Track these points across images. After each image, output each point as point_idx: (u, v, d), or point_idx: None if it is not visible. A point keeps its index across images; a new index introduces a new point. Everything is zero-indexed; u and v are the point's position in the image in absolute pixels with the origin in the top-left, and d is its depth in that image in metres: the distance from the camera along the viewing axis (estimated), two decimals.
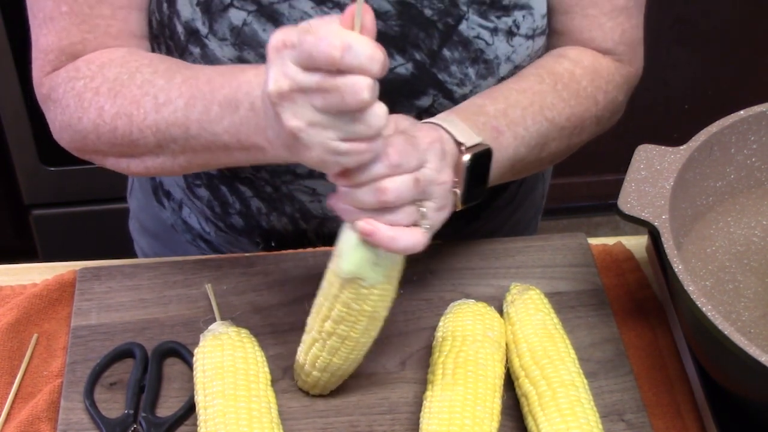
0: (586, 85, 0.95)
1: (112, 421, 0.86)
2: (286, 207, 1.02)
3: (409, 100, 0.93)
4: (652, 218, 0.85)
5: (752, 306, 0.90)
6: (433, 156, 0.77)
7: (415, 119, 0.82)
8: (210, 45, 0.90)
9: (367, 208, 0.75)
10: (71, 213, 2.05)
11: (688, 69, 2.24)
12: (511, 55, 0.93)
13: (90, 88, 0.88)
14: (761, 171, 0.98)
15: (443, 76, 0.92)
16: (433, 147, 0.78)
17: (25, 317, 0.95)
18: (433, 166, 0.77)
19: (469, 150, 0.83)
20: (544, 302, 0.92)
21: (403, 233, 0.76)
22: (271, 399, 0.84)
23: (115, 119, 0.87)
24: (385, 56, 0.69)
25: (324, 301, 0.81)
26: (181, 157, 0.87)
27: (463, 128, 0.84)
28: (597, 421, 0.82)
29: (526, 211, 1.18)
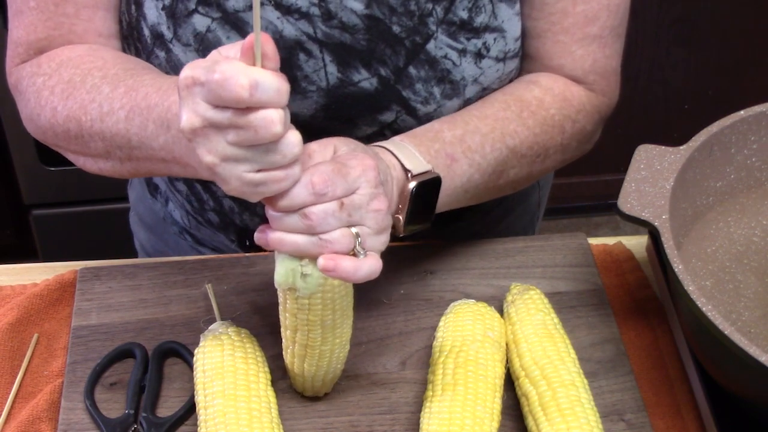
0: (554, 113, 0.94)
1: (112, 421, 0.86)
2: (257, 207, 1.02)
3: (372, 114, 0.93)
4: (652, 218, 0.85)
5: (752, 306, 0.90)
6: (365, 183, 0.75)
7: (359, 143, 0.81)
8: (174, 50, 0.91)
9: (295, 232, 0.74)
10: (71, 213, 2.05)
11: (688, 69, 2.24)
12: (479, 77, 0.93)
13: (47, 86, 0.90)
14: (761, 171, 0.98)
15: (407, 93, 0.92)
16: (366, 174, 0.76)
17: (25, 317, 0.95)
18: (363, 192, 0.75)
19: (416, 177, 0.83)
20: (545, 302, 0.92)
21: (361, 263, 0.75)
22: (271, 399, 0.84)
23: (66, 121, 0.88)
24: (287, 85, 0.69)
25: (281, 311, 0.81)
26: (128, 164, 0.87)
27: (412, 155, 0.84)
28: (597, 421, 0.82)
29: (519, 217, 1.17)
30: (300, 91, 0.92)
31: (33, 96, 0.91)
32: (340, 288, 0.78)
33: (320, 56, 0.91)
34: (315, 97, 0.92)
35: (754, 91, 2.25)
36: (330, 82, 0.91)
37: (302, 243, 0.74)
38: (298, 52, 0.90)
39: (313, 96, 0.92)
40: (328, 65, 0.91)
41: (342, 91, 0.92)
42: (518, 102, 0.93)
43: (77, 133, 0.88)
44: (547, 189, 1.22)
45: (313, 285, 0.76)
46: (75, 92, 0.87)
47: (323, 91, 0.92)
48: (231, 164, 0.71)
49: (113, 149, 0.86)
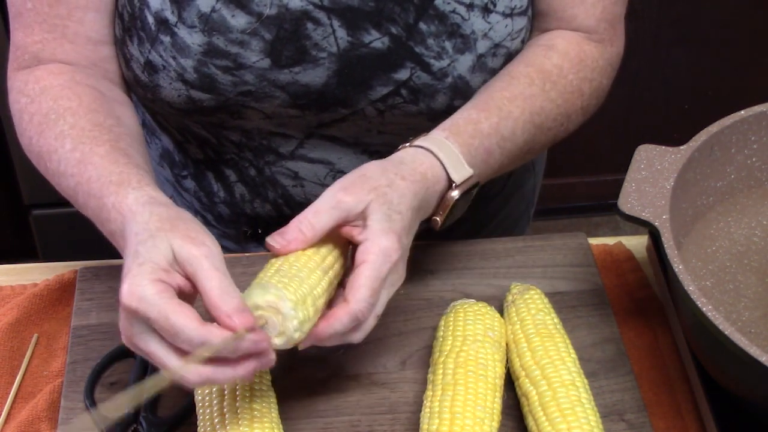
0: (572, 78, 0.96)
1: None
2: (269, 192, 1.02)
3: (386, 73, 0.93)
4: (652, 218, 0.85)
5: (752, 306, 0.90)
6: (394, 278, 0.81)
7: (396, 172, 0.83)
8: (179, 33, 0.91)
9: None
10: (71, 213, 2.02)
11: (688, 69, 2.24)
12: (488, 32, 0.93)
13: (28, 112, 0.92)
14: (761, 171, 0.98)
15: (420, 49, 0.92)
16: (397, 269, 0.81)
17: (25, 317, 0.95)
18: (390, 286, 0.81)
19: (459, 187, 0.86)
20: (545, 302, 0.92)
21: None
22: (271, 399, 0.84)
23: (38, 158, 0.92)
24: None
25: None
26: (87, 212, 0.89)
27: (458, 161, 0.87)
28: (597, 421, 0.82)
29: (516, 204, 1.18)
30: (311, 59, 0.92)
31: (17, 114, 0.93)
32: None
33: (328, 23, 0.91)
34: (327, 63, 0.92)
35: (754, 91, 2.24)
36: (341, 47, 0.91)
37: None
38: (306, 22, 0.90)
39: (324, 63, 0.92)
40: (338, 30, 0.91)
41: (354, 54, 0.92)
42: (540, 74, 0.95)
43: (45, 170, 0.92)
44: (541, 174, 1.23)
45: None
46: (47, 131, 0.90)
47: (335, 56, 0.92)
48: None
49: (71, 200, 0.91)
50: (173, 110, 0.96)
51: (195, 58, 0.91)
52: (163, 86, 0.93)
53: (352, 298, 0.78)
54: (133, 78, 0.95)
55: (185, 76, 0.92)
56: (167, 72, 0.92)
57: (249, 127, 0.98)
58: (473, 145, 0.89)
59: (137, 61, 0.94)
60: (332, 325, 0.78)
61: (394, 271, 0.80)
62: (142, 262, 0.74)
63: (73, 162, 0.87)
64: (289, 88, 0.93)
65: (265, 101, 0.94)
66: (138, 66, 0.94)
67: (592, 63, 0.98)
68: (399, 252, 0.80)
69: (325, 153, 0.99)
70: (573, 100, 0.97)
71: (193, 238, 0.76)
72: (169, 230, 0.76)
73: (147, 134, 1.09)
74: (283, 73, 0.92)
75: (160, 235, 0.75)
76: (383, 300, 0.81)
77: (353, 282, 0.79)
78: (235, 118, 0.96)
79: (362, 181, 0.82)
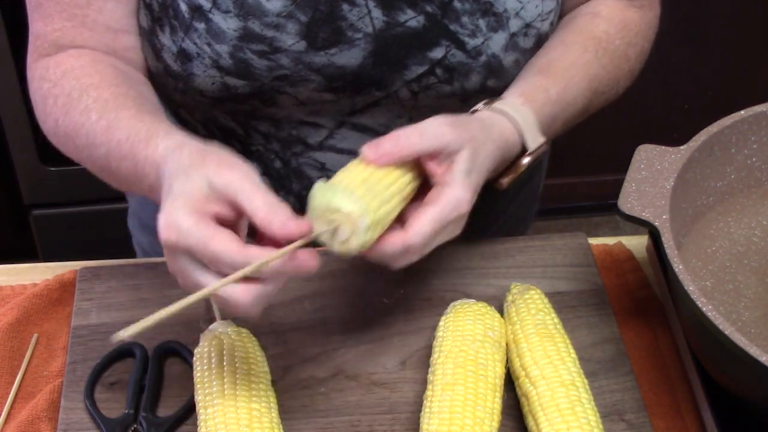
0: (619, 43, 1.00)
1: (112, 420, 0.86)
2: (293, 184, 1.02)
3: (422, 52, 0.94)
4: (652, 218, 0.85)
5: (752, 306, 0.89)
6: (455, 226, 0.83)
7: (488, 134, 0.86)
8: (214, 19, 0.91)
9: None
10: (71, 213, 2.05)
11: (688, 69, 2.24)
12: (520, 11, 0.94)
13: (52, 95, 0.92)
14: (761, 171, 0.98)
15: (455, 27, 0.93)
16: (460, 222, 0.82)
17: (25, 317, 0.95)
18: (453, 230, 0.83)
19: (531, 155, 0.91)
20: (545, 302, 0.92)
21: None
22: (271, 399, 0.84)
23: (65, 137, 0.91)
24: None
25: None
26: (115, 184, 0.90)
27: (533, 128, 0.90)
28: (597, 421, 0.82)
29: (522, 202, 1.19)
30: (346, 41, 0.92)
31: (40, 100, 0.93)
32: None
33: (363, 3, 0.91)
34: (362, 44, 0.92)
35: (754, 91, 2.25)
36: (376, 27, 0.92)
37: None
38: (341, 3, 0.91)
39: (360, 44, 0.92)
40: (373, 11, 0.91)
41: (389, 34, 0.92)
42: (592, 41, 0.99)
43: (74, 149, 0.91)
44: (545, 171, 1.25)
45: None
46: (71, 110, 0.90)
47: (370, 37, 0.92)
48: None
49: (99, 173, 0.90)
50: (205, 99, 0.96)
51: (230, 43, 0.91)
52: (196, 74, 0.93)
53: (412, 230, 0.79)
54: (163, 69, 0.95)
55: (220, 62, 0.92)
56: (201, 59, 0.92)
57: (280, 116, 0.98)
58: (544, 112, 0.92)
59: (169, 51, 0.93)
60: (383, 247, 0.79)
61: (456, 222, 0.82)
62: (176, 197, 0.75)
63: (100, 131, 0.87)
64: (325, 70, 0.93)
65: (300, 85, 0.94)
66: (170, 56, 0.93)
67: (635, 27, 1.01)
68: (468, 206, 0.82)
69: (353, 144, 0.99)
70: (621, 65, 1.00)
71: (228, 164, 0.76)
72: (201, 164, 0.76)
73: None
74: (318, 55, 0.92)
75: (193, 171, 0.76)
76: (436, 242, 0.82)
77: (418, 216, 0.80)
78: (268, 105, 0.96)
79: (466, 127, 0.84)
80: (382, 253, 0.80)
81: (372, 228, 0.77)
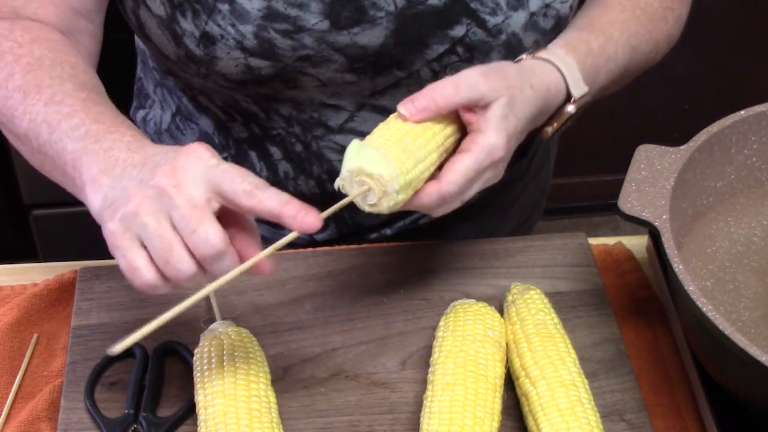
0: (657, 6, 1.01)
1: (112, 420, 0.86)
2: (314, 168, 1.03)
3: (443, 30, 0.94)
4: (652, 218, 0.85)
5: (752, 306, 0.90)
6: (492, 174, 0.84)
7: (528, 80, 0.87)
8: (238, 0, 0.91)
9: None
10: (71, 213, 2.04)
11: (688, 69, 2.24)
12: None
13: (13, 53, 0.90)
14: (761, 171, 0.98)
15: (475, 5, 0.93)
16: (497, 167, 0.84)
17: (25, 317, 0.95)
18: (489, 177, 0.84)
19: (575, 102, 0.91)
20: (545, 302, 0.92)
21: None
22: (271, 399, 0.84)
23: (14, 91, 0.89)
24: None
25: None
26: (37, 156, 0.89)
27: (577, 76, 0.91)
28: (597, 421, 0.82)
29: (533, 191, 1.20)
30: (369, 20, 0.92)
31: None
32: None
33: None
34: (384, 23, 0.92)
35: (754, 91, 2.25)
36: (398, 5, 0.92)
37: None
38: None
39: (382, 23, 0.92)
40: None
41: (411, 12, 0.92)
42: (630, 2, 1.00)
43: (14, 103, 0.88)
44: (553, 163, 1.25)
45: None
46: (39, 71, 0.88)
47: (392, 15, 0.92)
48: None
49: (31, 135, 0.88)
50: (227, 83, 0.96)
51: (255, 23, 0.91)
52: (220, 57, 0.93)
53: (446, 179, 0.81)
54: (185, 55, 0.95)
55: (244, 43, 0.92)
56: (225, 41, 0.92)
57: (301, 99, 0.98)
58: (587, 62, 0.93)
59: (191, 36, 0.93)
60: (420, 198, 0.81)
61: (493, 168, 0.83)
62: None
63: (75, 97, 0.86)
64: (347, 50, 0.93)
65: (323, 66, 0.94)
66: (192, 40, 0.93)
67: None
68: (504, 151, 0.83)
69: (374, 126, 0.99)
70: (660, 27, 1.02)
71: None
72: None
73: (181, 121, 1.09)
74: (341, 34, 0.92)
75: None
76: (474, 189, 0.83)
77: (452, 165, 0.81)
78: (290, 87, 0.96)
79: (501, 75, 0.85)
80: (419, 204, 0.81)
81: (403, 190, 0.79)
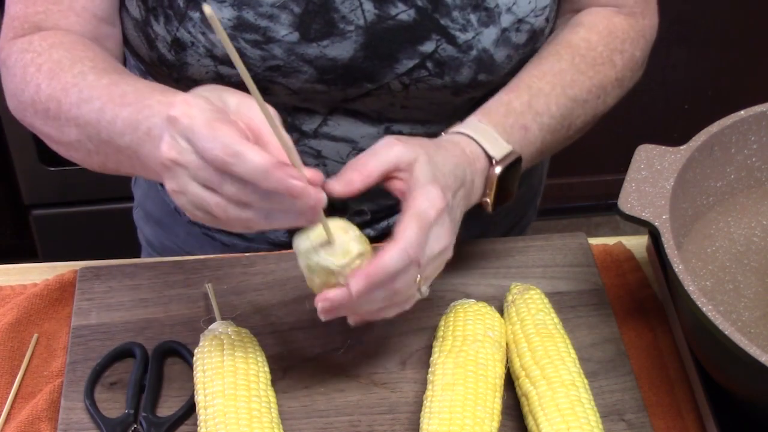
0: (602, 50, 0.98)
1: (112, 420, 0.86)
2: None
3: (412, 46, 0.94)
4: (652, 218, 0.85)
5: (752, 306, 0.90)
6: (439, 230, 0.81)
7: (436, 146, 0.85)
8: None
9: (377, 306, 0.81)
10: (71, 213, 2.05)
11: (688, 69, 2.24)
12: (512, 6, 0.94)
13: (35, 63, 0.91)
14: (761, 171, 0.98)
15: (446, 21, 0.93)
16: (441, 218, 0.81)
17: (25, 317, 0.95)
18: (436, 240, 0.82)
19: (500, 163, 0.88)
20: (545, 302, 0.92)
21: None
22: (271, 399, 0.84)
23: (48, 101, 0.89)
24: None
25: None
26: (96, 157, 0.88)
27: (494, 138, 0.89)
28: (597, 421, 0.82)
29: (524, 193, 1.19)
30: (338, 33, 0.92)
31: (20, 71, 0.92)
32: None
33: None
34: (354, 36, 0.93)
35: (754, 91, 2.25)
36: (368, 19, 0.92)
37: (385, 313, 0.82)
38: None
39: (352, 36, 0.92)
40: (365, 3, 0.92)
41: (380, 27, 0.93)
42: (568, 48, 0.96)
43: (55, 114, 0.88)
44: (547, 164, 1.25)
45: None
46: (61, 74, 0.88)
47: (362, 29, 0.92)
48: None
49: (84, 139, 0.87)
50: None
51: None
52: (190, 64, 0.93)
53: (400, 236, 0.79)
54: (157, 58, 0.95)
55: (214, 51, 0.92)
56: (196, 48, 0.92)
57: (273, 103, 0.98)
58: (507, 122, 0.91)
59: (163, 41, 0.93)
60: (383, 260, 0.78)
61: (439, 224, 0.81)
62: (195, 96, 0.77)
63: (100, 87, 0.86)
64: (317, 62, 0.93)
65: (293, 76, 0.94)
66: (164, 45, 0.94)
67: (623, 35, 0.99)
68: (444, 202, 0.81)
69: (348, 131, 1.00)
70: (606, 72, 0.98)
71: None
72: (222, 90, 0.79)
73: None
74: (311, 47, 0.93)
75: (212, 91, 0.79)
76: (432, 250, 0.81)
77: (399, 225, 0.80)
78: (261, 93, 0.96)
79: (414, 141, 0.84)
80: (385, 267, 0.78)
81: (362, 238, 0.80)
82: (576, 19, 1.00)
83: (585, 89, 0.96)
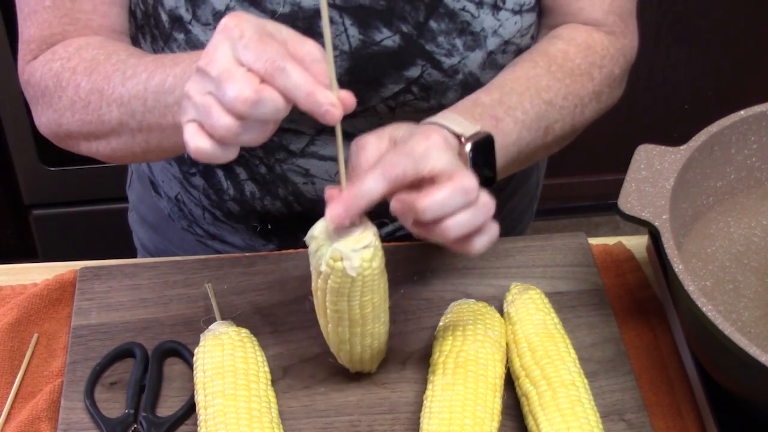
0: (579, 62, 0.96)
1: (112, 420, 0.86)
2: (279, 190, 1.03)
3: (398, 71, 0.94)
4: (652, 218, 0.85)
5: (752, 306, 0.90)
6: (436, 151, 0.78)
7: (412, 124, 0.82)
8: (194, 30, 0.92)
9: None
10: (71, 213, 2.05)
11: (688, 69, 2.24)
12: (498, 28, 0.94)
13: (67, 68, 0.91)
14: (761, 171, 0.98)
15: (431, 47, 0.93)
16: (434, 143, 0.78)
17: (25, 317, 0.95)
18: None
19: (469, 139, 0.83)
20: (545, 302, 0.92)
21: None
22: (271, 399, 0.84)
23: (89, 95, 0.89)
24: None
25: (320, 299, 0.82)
26: (139, 136, 0.87)
27: (459, 122, 0.84)
28: (597, 421, 0.82)
29: (521, 198, 1.19)
30: None
31: (51, 81, 0.92)
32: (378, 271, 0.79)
33: (340, 21, 0.92)
34: (339, 62, 0.93)
35: (754, 91, 2.25)
36: (352, 45, 0.92)
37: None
38: (318, 20, 0.91)
39: (336, 61, 0.92)
40: (349, 29, 0.92)
41: (365, 52, 0.93)
42: (544, 57, 0.95)
43: (96, 105, 0.88)
44: (544, 169, 1.24)
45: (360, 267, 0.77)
46: (99, 67, 0.88)
47: (346, 54, 0.93)
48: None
49: (127, 118, 0.87)
50: None
51: None
52: None
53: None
54: None
55: None
56: None
57: None
58: (475, 111, 0.87)
59: None
60: (434, 195, 0.75)
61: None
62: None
63: (145, 63, 0.85)
64: None
65: None
66: None
67: (602, 50, 0.98)
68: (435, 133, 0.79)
69: (335, 150, 0.99)
70: (583, 83, 0.96)
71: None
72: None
73: None
74: None
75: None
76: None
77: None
78: None
79: (381, 131, 0.81)
80: (438, 198, 0.75)
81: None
82: (554, 32, 0.99)
83: (560, 95, 0.94)
